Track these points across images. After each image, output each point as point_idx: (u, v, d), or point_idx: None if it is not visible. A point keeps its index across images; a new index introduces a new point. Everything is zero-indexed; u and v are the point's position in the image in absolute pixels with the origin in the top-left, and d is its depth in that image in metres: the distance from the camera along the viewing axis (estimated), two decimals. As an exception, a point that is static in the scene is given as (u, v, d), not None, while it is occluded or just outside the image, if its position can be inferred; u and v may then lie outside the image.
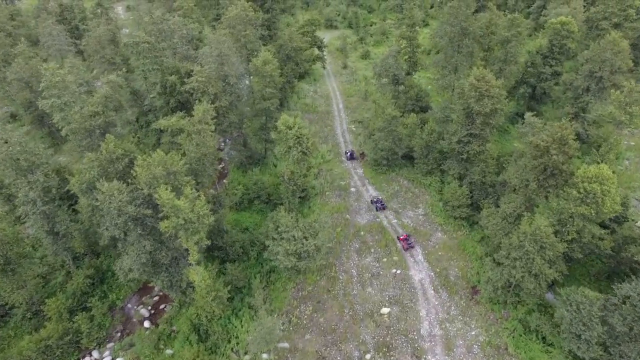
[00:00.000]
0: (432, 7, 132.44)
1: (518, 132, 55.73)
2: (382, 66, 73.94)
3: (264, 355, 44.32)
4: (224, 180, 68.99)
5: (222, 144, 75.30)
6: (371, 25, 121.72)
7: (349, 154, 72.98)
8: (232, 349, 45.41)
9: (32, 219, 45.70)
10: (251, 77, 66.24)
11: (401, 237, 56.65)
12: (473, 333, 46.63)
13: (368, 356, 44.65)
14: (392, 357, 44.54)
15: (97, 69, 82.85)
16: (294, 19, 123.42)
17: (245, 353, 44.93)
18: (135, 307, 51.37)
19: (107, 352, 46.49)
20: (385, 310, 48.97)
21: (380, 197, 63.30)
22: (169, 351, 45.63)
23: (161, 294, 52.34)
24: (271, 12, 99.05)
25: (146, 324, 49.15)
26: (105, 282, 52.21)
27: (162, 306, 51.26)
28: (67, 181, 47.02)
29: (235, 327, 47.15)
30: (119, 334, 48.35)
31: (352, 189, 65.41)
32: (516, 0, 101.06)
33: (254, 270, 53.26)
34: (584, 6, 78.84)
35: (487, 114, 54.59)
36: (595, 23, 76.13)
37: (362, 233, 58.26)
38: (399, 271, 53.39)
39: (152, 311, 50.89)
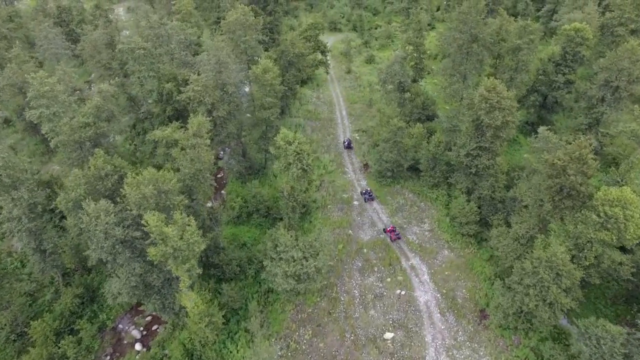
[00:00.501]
0: (438, 9, 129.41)
1: (530, 147, 52.84)
2: (388, 73, 71.26)
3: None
4: (223, 191, 66.55)
5: (221, 153, 72.87)
6: (376, 29, 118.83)
7: (346, 142, 73.42)
8: (226, 376, 43.00)
9: (17, 237, 43.42)
10: (251, 83, 63.78)
11: (388, 229, 56.96)
12: (482, 362, 43.97)
13: (370, 386, 42.16)
14: (396, 388, 42.02)
15: (94, 73, 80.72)
16: (297, 21, 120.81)
17: (241, 381, 42.54)
18: (126, 327, 49.02)
19: (95, 378, 44.28)
20: (388, 335, 46.33)
21: (368, 189, 63.74)
22: (160, 378, 43.32)
23: (154, 313, 49.94)
24: (273, 15, 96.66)
25: (137, 346, 46.79)
26: (96, 301, 49.87)
27: (154, 327, 48.86)
28: (57, 194, 44.81)
29: (231, 352, 44.67)
30: (108, 358, 45.98)
31: (355, 202, 62.76)
32: (526, 4, 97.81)
33: (251, 290, 50.77)
34: (601, 12, 75.60)
35: (498, 127, 51.87)
36: (611, 29, 72.99)
37: (365, 250, 55.61)
38: (403, 292, 50.73)
39: (144, 332, 48.50)
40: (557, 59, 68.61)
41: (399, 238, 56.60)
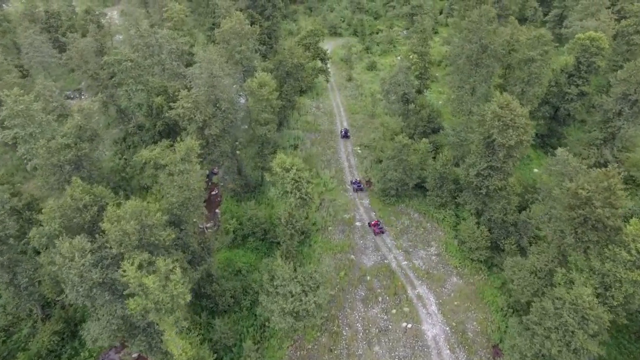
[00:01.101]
0: (441, 12, 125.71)
1: (546, 168, 49.19)
2: (391, 83, 67.65)
3: None
4: (217, 210, 62.78)
5: (216, 168, 69.04)
6: (377, 33, 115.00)
7: (343, 132, 75.39)
8: None
9: (-12, 271, 39.64)
10: (247, 96, 60.04)
11: (372, 223, 57.48)
12: (497, 407, 40.34)
13: None
14: None
15: (84, 82, 76.84)
16: (296, 25, 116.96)
17: None
18: (111, 365, 45.26)
19: None
20: (395, 376, 42.76)
21: (358, 179, 65.14)
22: None
23: (141, 349, 46.14)
24: (271, 20, 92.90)
25: (122, 387, 43.12)
26: (77, 336, 45.93)
27: (141, 365, 45.15)
28: (37, 221, 41.00)
29: (223, 396, 41.07)
30: (90, 401, 42.29)
31: (357, 223, 59.00)
32: (535, 10, 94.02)
33: (246, 324, 47.02)
34: (616, 20, 71.83)
35: (511, 146, 48.25)
36: (626, 37, 69.32)
37: (368, 278, 51.89)
38: (410, 325, 47.06)
39: (130, 371, 44.77)
40: (570, 69, 65.09)
41: (382, 232, 56.81)
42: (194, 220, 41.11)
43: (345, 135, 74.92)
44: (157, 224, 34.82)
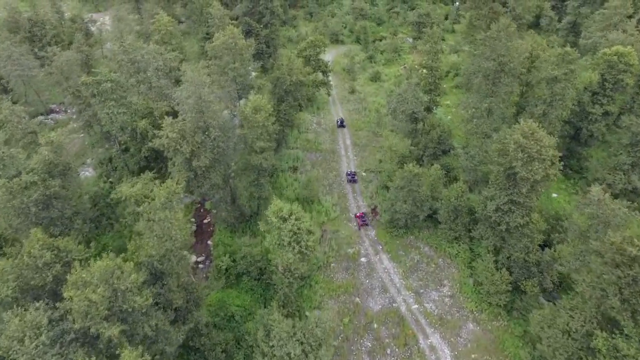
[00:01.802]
0: (446, 18, 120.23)
1: (577, 207, 43.84)
2: (399, 101, 62.36)
3: None
4: (209, 242, 57.42)
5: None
6: (380, 40, 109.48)
7: (339, 122, 76.74)
8: None
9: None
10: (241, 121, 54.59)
11: (358, 215, 58.13)
12: None
13: None
14: None
15: (66, 98, 71.32)
16: (296, 31, 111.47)
17: None
18: None
19: None
20: None
21: (353, 170, 65.70)
22: None
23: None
24: (270, 28, 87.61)
25: None
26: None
27: None
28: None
29: None
30: None
31: (363, 259, 53.65)
32: (550, 19, 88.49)
33: (238, 382, 41.84)
34: (641, 32, 66.37)
35: (537, 180, 42.98)
36: (654, 52, 63.82)
37: (375, 325, 46.57)
38: (423, 384, 41.87)
39: None
40: (595, 87, 59.68)
41: (366, 225, 57.16)
42: (178, 272, 35.73)
43: (342, 125, 76.01)
44: (132, 287, 29.53)
